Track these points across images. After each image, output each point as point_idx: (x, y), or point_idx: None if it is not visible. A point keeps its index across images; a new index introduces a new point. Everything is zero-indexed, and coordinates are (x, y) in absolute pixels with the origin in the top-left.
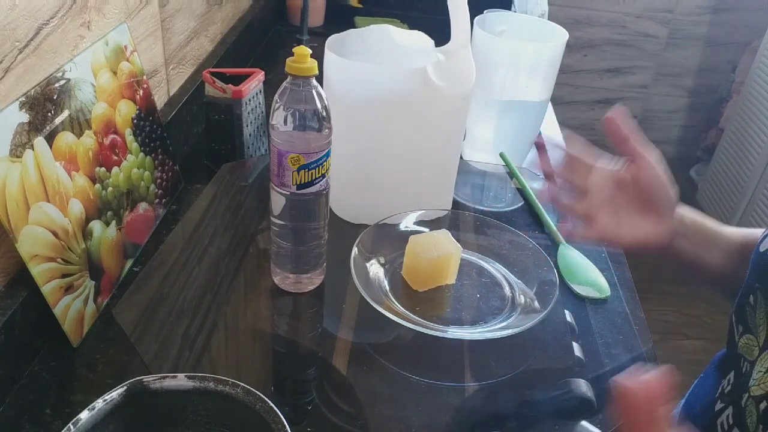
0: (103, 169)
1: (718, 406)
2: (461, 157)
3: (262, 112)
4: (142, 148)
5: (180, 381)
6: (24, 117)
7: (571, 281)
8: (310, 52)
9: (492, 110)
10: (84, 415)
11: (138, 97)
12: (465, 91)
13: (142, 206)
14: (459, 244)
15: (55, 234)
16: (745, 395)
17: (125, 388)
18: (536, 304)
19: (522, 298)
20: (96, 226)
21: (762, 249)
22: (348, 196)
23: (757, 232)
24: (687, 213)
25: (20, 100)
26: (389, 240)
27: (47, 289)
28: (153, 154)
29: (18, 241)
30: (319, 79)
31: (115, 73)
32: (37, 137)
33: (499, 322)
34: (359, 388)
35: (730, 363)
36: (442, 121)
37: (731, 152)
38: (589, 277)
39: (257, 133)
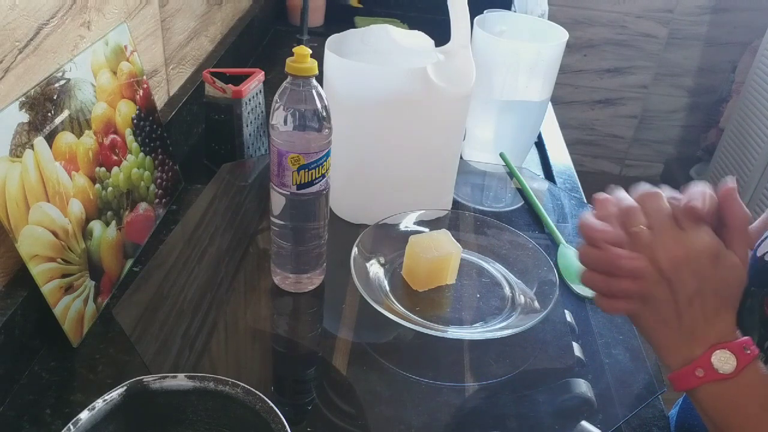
0: (103, 169)
1: None
2: (461, 157)
3: (262, 112)
4: (142, 148)
5: (180, 381)
6: (24, 117)
7: (571, 281)
8: (310, 52)
9: (492, 110)
10: (84, 415)
11: (138, 97)
12: (465, 91)
13: (142, 206)
14: (459, 244)
15: (55, 234)
16: None
17: (125, 388)
18: (536, 304)
19: (522, 298)
20: (96, 226)
21: (759, 254)
22: (348, 196)
23: None
24: None
25: (20, 100)
26: (389, 240)
27: (47, 289)
28: (153, 154)
29: (18, 241)
30: (319, 79)
31: (115, 73)
32: (37, 137)
33: (499, 322)
34: (359, 388)
35: None
36: (442, 121)
37: (731, 152)
38: None
39: (257, 133)
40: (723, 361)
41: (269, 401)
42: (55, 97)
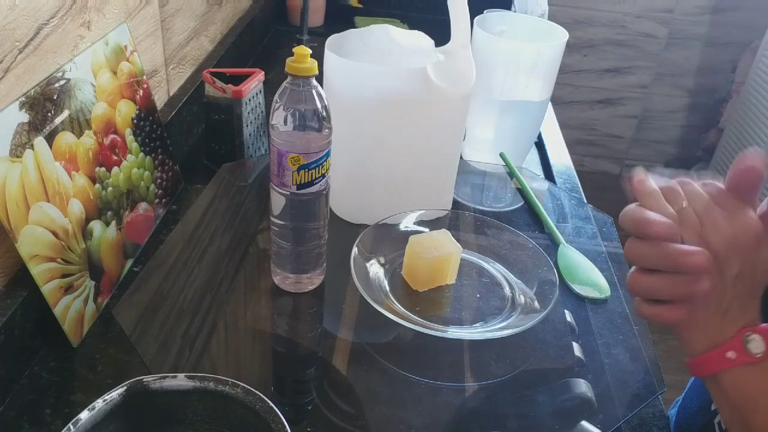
0: (103, 169)
1: (714, 405)
2: (461, 157)
3: (262, 112)
4: (142, 148)
5: (180, 381)
6: (24, 117)
7: (571, 281)
8: (310, 52)
9: (492, 110)
10: (84, 415)
11: (138, 97)
12: (465, 91)
13: (142, 206)
14: (459, 244)
15: (55, 234)
16: None
17: (125, 388)
18: (536, 304)
19: (522, 298)
20: (96, 226)
21: None
22: (348, 196)
23: None
24: None
25: (20, 100)
26: (389, 240)
27: (47, 289)
28: (153, 154)
29: (18, 241)
30: (319, 79)
31: (115, 73)
32: (37, 137)
33: (499, 322)
34: (359, 388)
35: None
36: (442, 121)
37: (731, 152)
38: (589, 277)
39: (257, 133)
40: (755, 343)
41: (269, 401)
42: (55, 97)
